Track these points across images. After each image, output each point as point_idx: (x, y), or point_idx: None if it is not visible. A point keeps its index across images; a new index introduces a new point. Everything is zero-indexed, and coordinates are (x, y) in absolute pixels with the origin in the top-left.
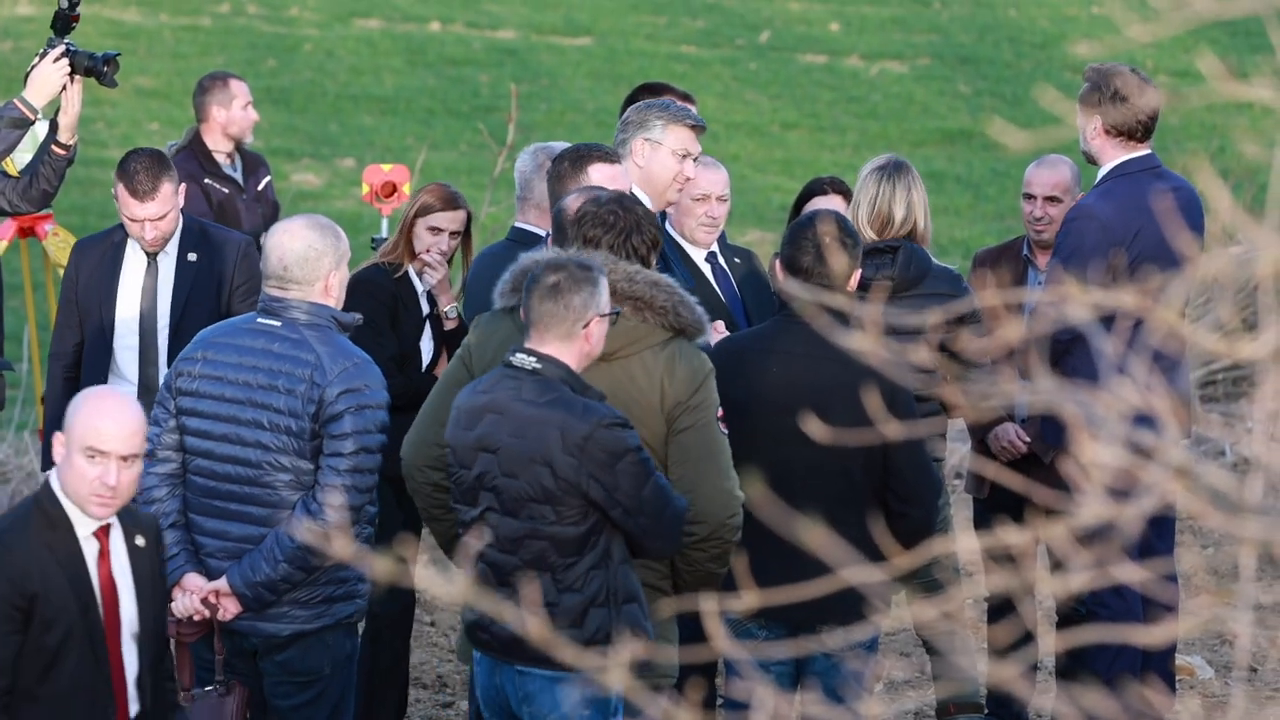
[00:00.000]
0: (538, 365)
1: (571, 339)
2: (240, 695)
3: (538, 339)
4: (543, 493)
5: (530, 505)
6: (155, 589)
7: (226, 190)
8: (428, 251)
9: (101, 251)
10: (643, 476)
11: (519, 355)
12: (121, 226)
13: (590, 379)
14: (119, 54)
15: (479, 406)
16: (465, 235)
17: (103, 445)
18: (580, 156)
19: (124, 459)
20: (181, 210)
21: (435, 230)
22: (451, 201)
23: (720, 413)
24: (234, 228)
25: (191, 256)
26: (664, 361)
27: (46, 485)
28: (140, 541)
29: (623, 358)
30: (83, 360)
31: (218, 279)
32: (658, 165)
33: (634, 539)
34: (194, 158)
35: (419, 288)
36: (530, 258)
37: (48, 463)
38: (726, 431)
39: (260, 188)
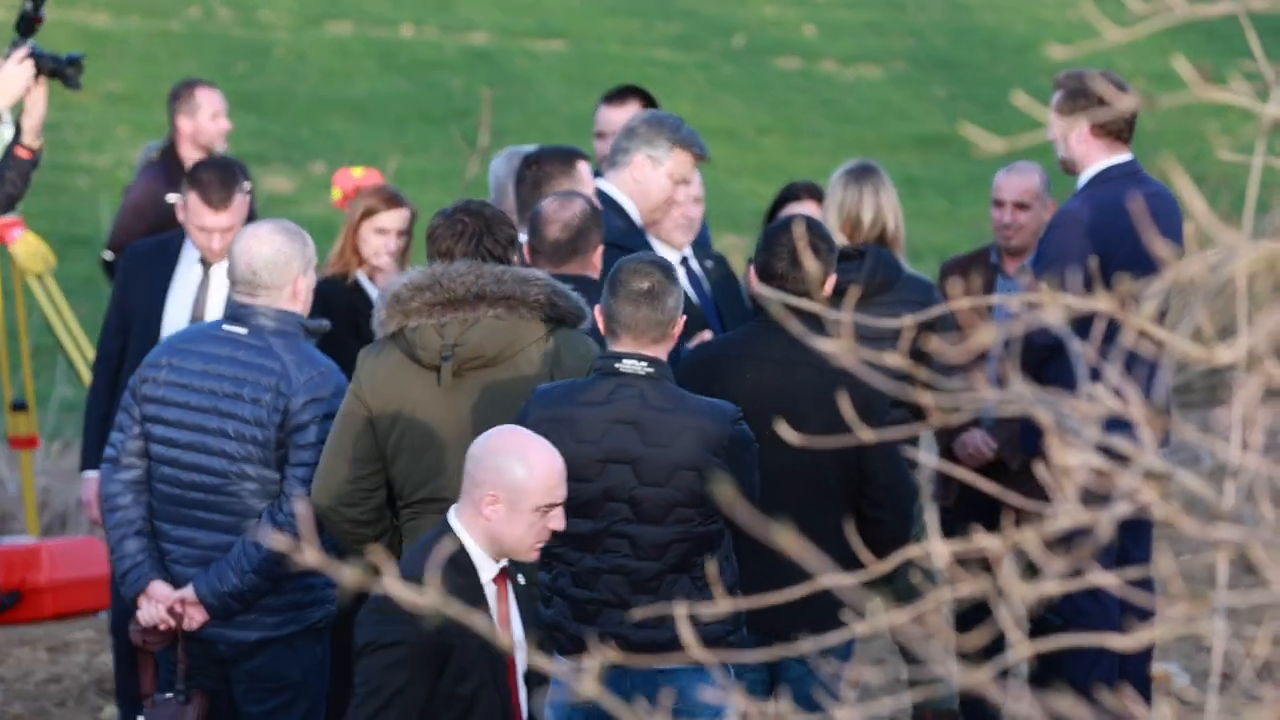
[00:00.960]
0: (651, 370)
1: (665, 340)
2: (200, 704)
3: (633, 343)
4: (692, 497)
5: (677, 510)
6: (532, 628)
7: None
8: (377, 255)
9: (155, 258)
10: (755, 467)
11: (627, 361)
12: (177, 235)
13: (480, 384)
14: (84, 56)
15: (599, 418)
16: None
17: (556, 499)
18: (567, 155)
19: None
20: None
21: (382, 231)
22: (395, 200)
23: None
24: None
25: None
26: (549, 354)
27: (448, 528)
28: (521, 580)
29: (508, 358)
30: (126, 363)
31: None
32: (653, 184)
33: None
34: (165, 171)
35: (373, 293)
36: (399, 282)
37: (87, 463)
38: None
39: None
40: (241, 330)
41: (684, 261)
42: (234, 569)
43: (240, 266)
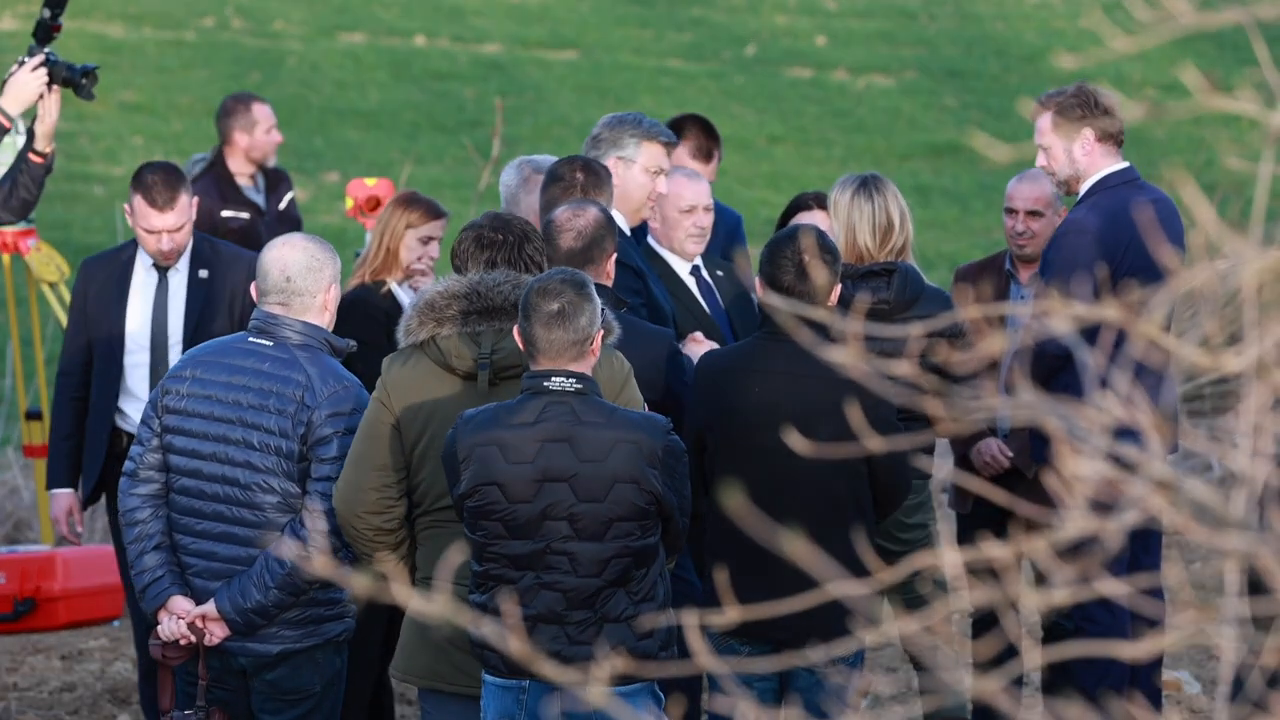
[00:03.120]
0: (580, 386)
1: (584, 356)
2: None
3: (551, 364)
4: (632, 510)
5: (616, 525)
6: None
7: (246, 215)
8: (419, 260)
9: (110, 269)
10: (688, 477)
11: (556, 379)
12: (131, 244)
13: (512, 393)
14: (98, 67)
15: (530, 438)
16: None
17: None
18: (602, 165)
19: None
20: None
21: (427, 239)
22: (436, 210)
23: (645, 409)
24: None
25: (203, 273)
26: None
27: None
28: None
29: None
30: (93, 378)
31: (229, 296)
32: (631, 183)
33: (671, 541)
34: (216, 184)
35: (404, 301)
36: (432, 290)
37: (53, 480)
38: None
39: (282, 206)
40: (267, 343)
41: (695, 271)
42: (256, 584)
43: (274, 275)
